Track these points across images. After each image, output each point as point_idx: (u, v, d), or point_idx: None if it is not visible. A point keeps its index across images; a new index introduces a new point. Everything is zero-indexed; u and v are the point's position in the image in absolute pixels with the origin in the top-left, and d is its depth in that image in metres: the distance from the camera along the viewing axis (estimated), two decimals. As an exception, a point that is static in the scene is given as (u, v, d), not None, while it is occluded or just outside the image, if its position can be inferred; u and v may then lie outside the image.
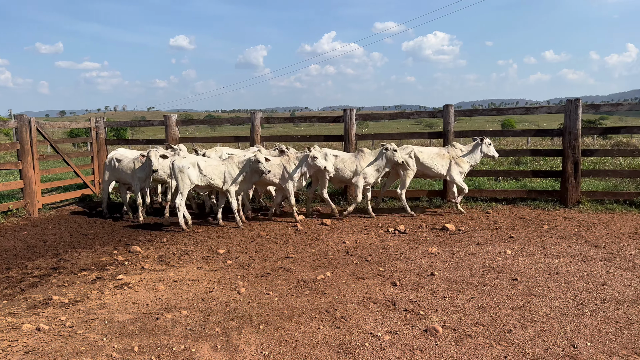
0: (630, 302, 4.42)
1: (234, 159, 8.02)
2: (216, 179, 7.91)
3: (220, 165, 7.99)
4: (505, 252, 6.13)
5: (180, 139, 11.31)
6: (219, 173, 7.92)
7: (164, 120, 10.93)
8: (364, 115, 11.19)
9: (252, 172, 7.87)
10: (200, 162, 7.92)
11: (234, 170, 7.90)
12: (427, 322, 4.14)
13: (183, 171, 7.83)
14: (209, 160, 8.10)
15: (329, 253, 6.38)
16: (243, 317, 4.36)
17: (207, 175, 7.88)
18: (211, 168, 7.92)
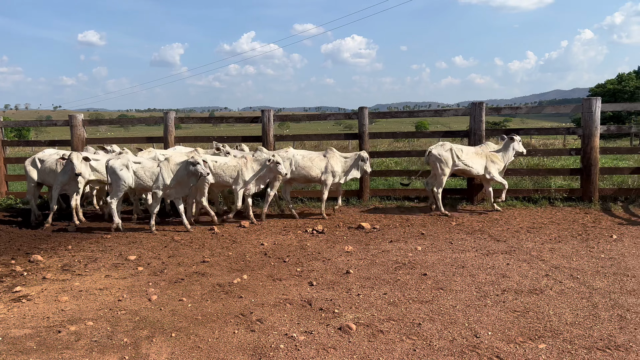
0: (526, 292, 4.77)
1: (171, 161, 7.71)
2: (148, 181, 7.60)
3: (154, 167, 7.66)
4: (416, 249, 6.39)
5: (89, 139, 10.70)
6: (151, 175, 7.60)
7: (69, 120, 10.29)
8: (282, 117, 11.21)
9: (189, 175, 7.58)
10: (132, 164, 7.58)
11: (168, 173, 7.60)
12: (341, 320, 4.22)
13: (116, 172, 7.49)
14: (143, 162, 7.76)
15: (246, 255, 6.32)
16: (154, 326, 4.20)
17: (140, 177, 7.57)
18: (143, 170, 7.60)
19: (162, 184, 7.56)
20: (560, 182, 10.30)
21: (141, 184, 7.63)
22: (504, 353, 3.58)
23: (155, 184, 7.57)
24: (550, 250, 6.17)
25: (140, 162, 7.69)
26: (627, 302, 4.45)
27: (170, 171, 7.59)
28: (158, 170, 7.60)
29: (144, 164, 7.67)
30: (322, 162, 8.62)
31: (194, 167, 7.41)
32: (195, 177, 7.53)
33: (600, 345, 3.66)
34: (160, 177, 7.55)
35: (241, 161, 8.15)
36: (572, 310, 4.30)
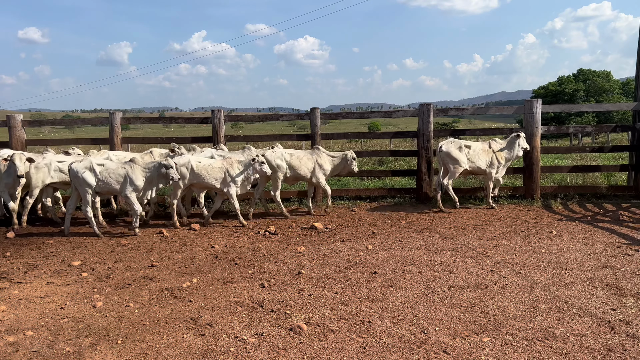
0: (472, 287, 4.93)
1: (138, 162, 7.47)
2: (114, 183, 7.35)
3: (119, 169, 7.40)
4: (367, 247, 6.48)
5: (30, 141, 10.24)
6: (117, 177, 7.34)
7: (7, 120, 9.81)
8: (234, 117, 11.11)
9: (159, 177, 7.39)
10: (95, 166, 7.31)
11: (135, 175, 7.36)
12: (292, 320, 4.22)
13: (78, 175, 7.22)
14: (107, 164, 7.47)
15: (196, 259, 6.21)
16: (99, 333, 4.07)
17: (104, 180, 7.32)
18: (108, 172, 7.33)
19: (133, 187, 7.36)
20: (504, 181, 10.69)
21: (107, 187, 7.39)
22: (450, 347, 3.68)
23: (125, 186, 7.36)
24: (495, 247, 6.39)
25: (103, 165, 7.43)
26: (565, 295, 4.67)
27: (139, 173, 7.40)
28: (125, 172, 7.38)
29: (108, 166, 7.42)
30: (310, 162, 8.65)
31: (166, 170, 7.29)
32: (166, 180, 7.39)
33: (540, 337, 3.82)
34: (129, 179, 7.35)
35: (226, 162, 8.03)
36: (515, 304, 4.48)
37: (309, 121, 9.92)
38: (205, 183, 7.93)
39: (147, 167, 7.45)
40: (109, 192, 7.54)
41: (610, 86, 54.59)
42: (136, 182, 7.36)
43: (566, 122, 44.97)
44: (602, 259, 5.76)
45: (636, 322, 4.03)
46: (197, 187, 8.23)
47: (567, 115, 46.03)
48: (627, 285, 4.86)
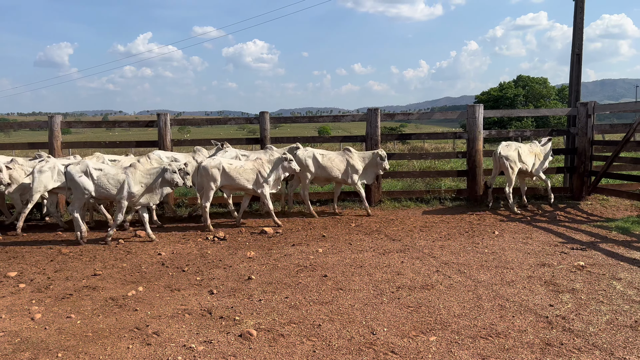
0: (419, 288, 5.04)
1: (138, 168, 7.20)
2: (112, 189, 7.06)
3: (119, 174, 7.11)
4: (317, 251, 6.50)
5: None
6: (115, 183, 7.05)
7: None
8: (181, 120, 10.91)
9: (163, 182, 7.18)
10: (92, 171, 7.02)
11: (135, 181, 7.10)
12: (242, 327, 4.18)
13: (74, 179, 6.93)
14: (106, 168, 7.16)
15: (142, 266, 6.04)
16: (37, 347, 3.88)
17: (101, 185, 7.03)
18: (106, 177, 7.04)
19: (128, 192, 7.09)
20: (449, 183, 11.01)
21: (104, 192, 7.10)
22: (398, 347, 3.76)
23: (121, 191, 7.09)
24: (441, 248, 6.57)
25: (101, 169, 7.15)
26: (507, 293, 4.87)
27: (138, 179, 7.16)
28: (124, 177, 7.11)
29: (107, 171, 7.14)
30: (342, 163, 8.63)
31: (170, 175, 7.13)
32: (170, 185, 7.23)
33: (484, 334, 3.96)
34: (126, 184, 7.08)
35: (257, 163, 7.95)
36: (460, 303, 4.62)
37: (258, 125, 9.87)
38: (237, 185, 7.89)
39: (149, 172, 7.25)
40: (106, 197, 7.24)
41: (548, 92, 57.39)
42: (132, 187, 7.10)
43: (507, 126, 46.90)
44: (541, 257, 6.03)
45: (572, 317, 4.25)
46: (228, 188, 8.14)
47: (508, 119, 48.01)
48: (563, 282, 5.12)
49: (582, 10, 10.35)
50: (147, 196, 7.31)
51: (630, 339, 3.82)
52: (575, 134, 9.93)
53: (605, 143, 10.83)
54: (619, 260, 5.83)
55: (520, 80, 58.58)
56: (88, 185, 7.03)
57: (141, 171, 7.25)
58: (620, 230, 7.29)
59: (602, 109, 10.18)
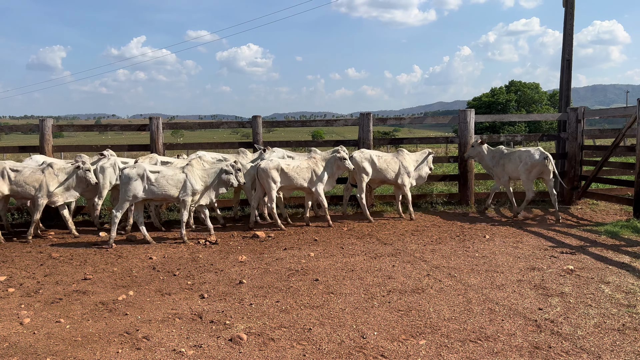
0: (410, 292, 5.06)
1: (196, 167, 7.30)
2: (172, 189, 7.11)
3: (178, 174, 7.17)
4: (309, 255, 6.51)
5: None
6: (175, 183, 7.11)
7: None
8: (173, 124, 10.88)
9: (219, 183, 7.31)
10: (149, 174, 7.05)
11: (195, 179, 7.20)
12: (232, 331, 4.18)
13: (129, 182, 6.97)
14: (163, 170, 7.21)
15: (133, 271, 6.02)
16: (26, 351, 3.86)
17: (161, 187, 7.08)
18: (165, 179, 7.08)
19: (192, 190, 7.24)
20: (441, 188, 11.07)
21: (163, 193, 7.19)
22: (388, 351, 3.77)
23: (183, 190, 7.21)
24: (432, 251, 6.60)
25: (159, 171, 7.24)
26: (497, 296, 4.89)
27: (198, 177, 7.28)
28: (184, 177, 7.19)
29: (165, 173, 7.23)
30: (396, 164, 8.64)
31: (227, 176, 7.26)
32: (226, 185, 7.36)
33: (473, 337, 3.98)
34: (188, 183, 7.22)
35: (311, 161, 8.08)
36: (450, 307, 4.64)
37: (251, 129, 9.88)
38: (295, 184, 8.02)
39: (207, 172, 7.37)
40: (165, 198, 7.29)
41: (539, 97, 57.78)
42: (195, 185, 7.22)
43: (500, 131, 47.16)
44: (531, 261, 6.07)
45: (560, 321, 4.28)
46: (286, 189, 8.23)
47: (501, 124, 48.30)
48: (552, 286, 5.15)
49: (572, 17, 10.47)
50: (205, 195, 7.45)
51: (617, 342, 3.85)
52: (565, 139, 10.01)
53: (595, 148, 10.94)
54: (608, 264, 5.88)
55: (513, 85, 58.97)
56: (138, 191, 7.07)
57: (199, 170, 7.37)
58: (610, 234, 7.35)
59: (592, 114, 10.28)
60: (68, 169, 7.65)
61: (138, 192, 7.08)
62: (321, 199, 8.14)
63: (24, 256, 6.75)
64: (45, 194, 7.48)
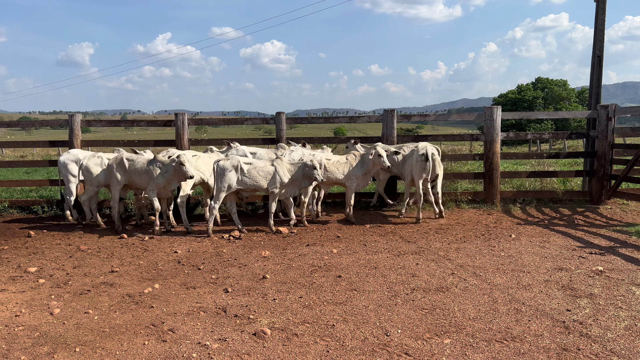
0: (434, 290, 5.02)
1: (284, 161, 7.66)
2: (262, 181, 7.42)
3: (268, 166, 7.48)
4: (332, 251, 6.51)
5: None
6: (265, 175, 7.43)
7: (-41, 121, 9.42)
8: (198, 120, 10.99)
9: (303, 177, 7.52)
10: (243, 165, 7.39)
11: (284, 173, 7.53)
12: (256, 325, 4.20)
13: (224, 173, 7.30)
14: (255, 162, 7.55)
15: (158, 264, 6.11)
16: (56, 341, 3.95)
17: (252, 178, 7.40)
18: (256, 170, 7.41)
19: (280, 182, 7.51)
20: (466, 186, 10.93)
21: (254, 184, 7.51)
22: (412, 349, 3.74)
23: (273, 183, 7.51)
24: (456, 250, 6.53)
25: (251, 163, 7.57)
26: (523, 296, 4.82)
27: (287, 170, 7.57)
28: (273, 170, 7.51)
29: (256, 164, 7.54)
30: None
31: (310, 171, 7.41)
32: (309, 180, 7.52)
33: (499, 338, 3.93)
34: (277, 175, 7.49)
35: (350, 156, 8.25)
36: (475, 306, 4.59)
37: (274, 125, 9.91)
38: (334, 179, 8.17)
39: (293, 166, 7.61)
40: (255, 189, 7.62)
41: (567, 94, 56.64)
42: (283, 178, 7.51)
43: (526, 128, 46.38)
44: (558, 261, 5.96)
45: (589, 322, 4.19)
46: (325, 184, 8.41)
47: (526, 122, 47.49)
48: (581, 287, 5.05)
49: (603, 12, 10.20)
50: (290, 188, 7.66)
51: (649, 346, 3.75)
52: (595, 137, 9.77)
53: (626, 146, 10.64)
54: (639, 265, 5.73)
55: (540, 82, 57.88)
56: (232, 182, 7.38)
57: (287, 164, 7.62)
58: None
59: (623, 112, 10.02)
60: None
61: (232, 182, 7.40)
62: (350, 194, 8.26)
63: (53, 248, 6.91)
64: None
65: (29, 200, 9.85)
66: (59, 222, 8.72)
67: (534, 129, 46.40)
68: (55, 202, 9.42)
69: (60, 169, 8.55)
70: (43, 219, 8.89)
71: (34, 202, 9.66)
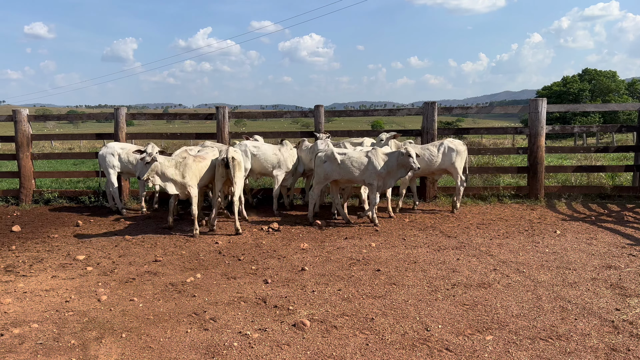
0: (475, 286, 4.93)
1: (379, 151, 7.53)
2: (355, 171, 7.39)
3: (362, 157, 7.45)
4: (370, 245, 6.48)
5: (35, 135, 10.28)
6: (359, 165, 7.39)
7: (13, 115, 9.85)
8: (238, 114, 11.12)
9: (399, 167, 7.39)
10: (337, 156, 7.41)
11: (379, 163, 7.38)
12: (295, 316, 4.23)
13: (321, 164, 7.46)
14: (349, 152, 7.55)
15: (200, 254, 6.23)
16: (103, 326, 4.09)
17: (346, 169, 7.40)
18: (350, 161, 7.41)
19: (376, 173, 7.35)
20: (508, 180, 10.67)
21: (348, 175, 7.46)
22: (453, 345, 3.69)
23: (367, 174, 7.38)
24: (499, 246, 6.39)
25: (345, 153, 7.52)
26: (569, 294, 4.67)
27: (382, 161, 7.40)
28: (367, 160, 7.41)
29: (350, 155, 7.50)
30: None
31: (406, 159, 7.25)
32: (406, 169, 7.38)
33: (543, 336, 3.82)
34: (372, 166, 7.36)
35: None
36: (518, 303, 4.48)
37: (312, 119, 9.92)
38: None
39: (388, 155, 7.48)
40: (349, 180, 7.58)
41: (616, 86, 54.36)
42: (378, 168, 7.36)
43: (571, 122, 44.83)
44: (606, 259, 5.75)
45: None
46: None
47: (572, 115, 45.88)
48: (631, 286, 4.85)
49: (658, -1, 9.71)
50: (387, 179, 7.51)
51: None
52: (647, 131, 9.34)
53: (681, 140, 10.13)
54: (694, 265, 5.46)
55: (587, 73, 55.78)
56: (329, 172, 7.46)
57: (382, 154, 7.49)
58: (696, 233, 6.82)
59: (678, 104, 9.52)
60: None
61: (329, 173, 7.44)
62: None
63: (100, 237, 7.15)
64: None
65: (76, 190, 10.22)
66: (105, 212, 9.00)
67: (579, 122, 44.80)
68: (102, 192, 9.73)
69: (100, 161, 8.85)
70: (90, 209, 9.21)
71: (82, 192, 10.02)
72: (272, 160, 8.52)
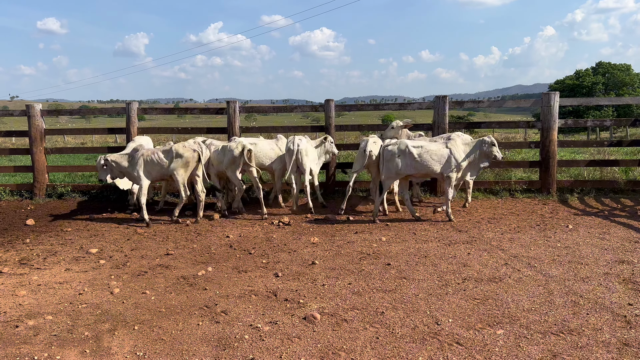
0: (486, 280, 4.91)
1: (458, 141, 7.27)
2: (435, 165, 7.17)
3: (441, 149, 7.20)
4: (380, 239, 6.48)
5: (48, 130, 10.38)
6: (438, 158, 7.16)
7: (27, 110, 9.95)
8: (248, 108, 11.13)
9: (481, 156, 7.19)
10: (412, 149, 7.15)
11: (459, 154, 7.12)
12: (306, 310, 4.25)
13: (392, 159, 7.19)
14: (426, 145, 7.25)
15: (211, 248, 6.28)
16: (116, 319, 4.15)
17: (423, 162, 7.16)
18: (428, 154, 7.15)
19: (456, 165, 7.15)
20: (520, 174, 10.59)
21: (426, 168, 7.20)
22: (464, 339, 3.69)
23: (448, 166, 7.15)
24: (510, 240, 6.35)
25: (422, 146, 7.23)
26: (581, 289, 4.64)
27: (462, 152, 7.20)
28: (447, 152, 7.17)
29: (428, 147, 7.21)
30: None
31: (489, 148, 7.07)
32: (489, 158, 7.18)
33: (555, 330, 3.81)
34: (453, 158, 7.13)
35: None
36: (529, 297, 4.46)
37: (322, 113, 9.91)
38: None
39: (468, 145, 7.25)
40: (426, 173, 7.36)
41: (631, 80, 53.59)
42: (460, 160, 7.16)
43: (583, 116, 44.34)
44: (619, 254, 5.69)
45: (653, 318, 3.99)
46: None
47: (585, 109, 45.37)
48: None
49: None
50: (468, 170, 7.30)
51: None
52: (662, 124, 9.21)
53: (697, 134, 9.97)
54: None
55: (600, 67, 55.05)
56: (400, 167, 7.18)
57: (462, 144, 7.24)
58: None
59: (694, 97, 9.38)
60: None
61: (401, 167, 7.22)
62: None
63: (112, 231, 7.22)
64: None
65: (89, 184, 10.33)
66: (117, 206, 9.09)
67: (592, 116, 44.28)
68: (113, 186, 9.82)
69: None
70: (103, 203, 9.29)
71: (94, 186, 10.11)
72: (270, 155, 8.52)
